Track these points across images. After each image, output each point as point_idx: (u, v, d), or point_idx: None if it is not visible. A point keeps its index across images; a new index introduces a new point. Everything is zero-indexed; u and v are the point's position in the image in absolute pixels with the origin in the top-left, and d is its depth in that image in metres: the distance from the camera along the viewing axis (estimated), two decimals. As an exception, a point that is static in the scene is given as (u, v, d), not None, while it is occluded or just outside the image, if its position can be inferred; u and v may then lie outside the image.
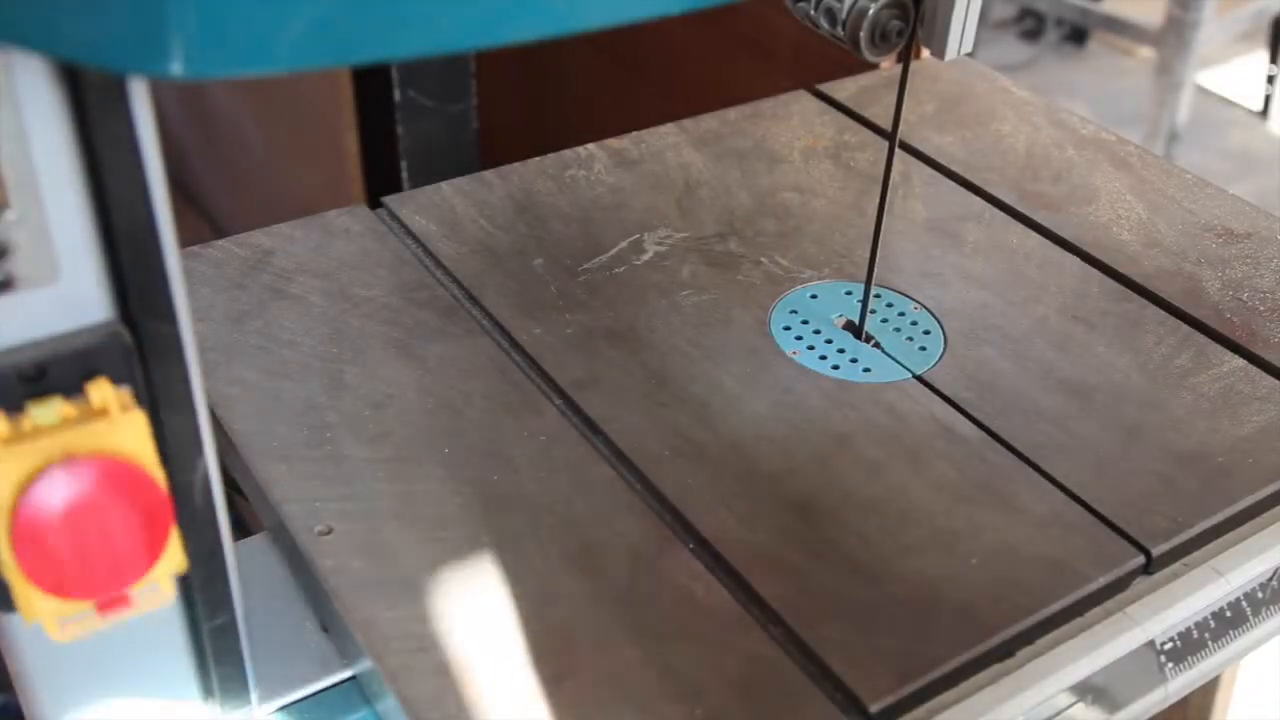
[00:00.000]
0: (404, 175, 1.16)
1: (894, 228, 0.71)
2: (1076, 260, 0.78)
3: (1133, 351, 0.71)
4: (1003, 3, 2.96)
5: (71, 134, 0.36)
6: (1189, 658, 0.60)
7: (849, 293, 0.75)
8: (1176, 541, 0.60)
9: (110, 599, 0.39)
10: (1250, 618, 0.62)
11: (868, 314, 0.71)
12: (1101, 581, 0.58)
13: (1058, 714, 0.57)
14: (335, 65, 0.32)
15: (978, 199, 0.84)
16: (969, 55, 0.64)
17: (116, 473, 0.37)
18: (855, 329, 0.72)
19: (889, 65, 0.95)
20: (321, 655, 0.56)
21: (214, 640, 0.47)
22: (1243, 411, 0.67)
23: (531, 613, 0.55)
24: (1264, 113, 2.87)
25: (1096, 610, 0.58)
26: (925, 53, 0.64)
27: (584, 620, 0.55)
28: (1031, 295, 0.75)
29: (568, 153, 0.86)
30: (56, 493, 0.37)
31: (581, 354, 0.69)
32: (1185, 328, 0.73)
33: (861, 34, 0.59)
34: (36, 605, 0.38)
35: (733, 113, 0.91)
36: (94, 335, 0.38)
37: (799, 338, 0.71)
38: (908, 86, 0.65)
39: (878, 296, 0.73)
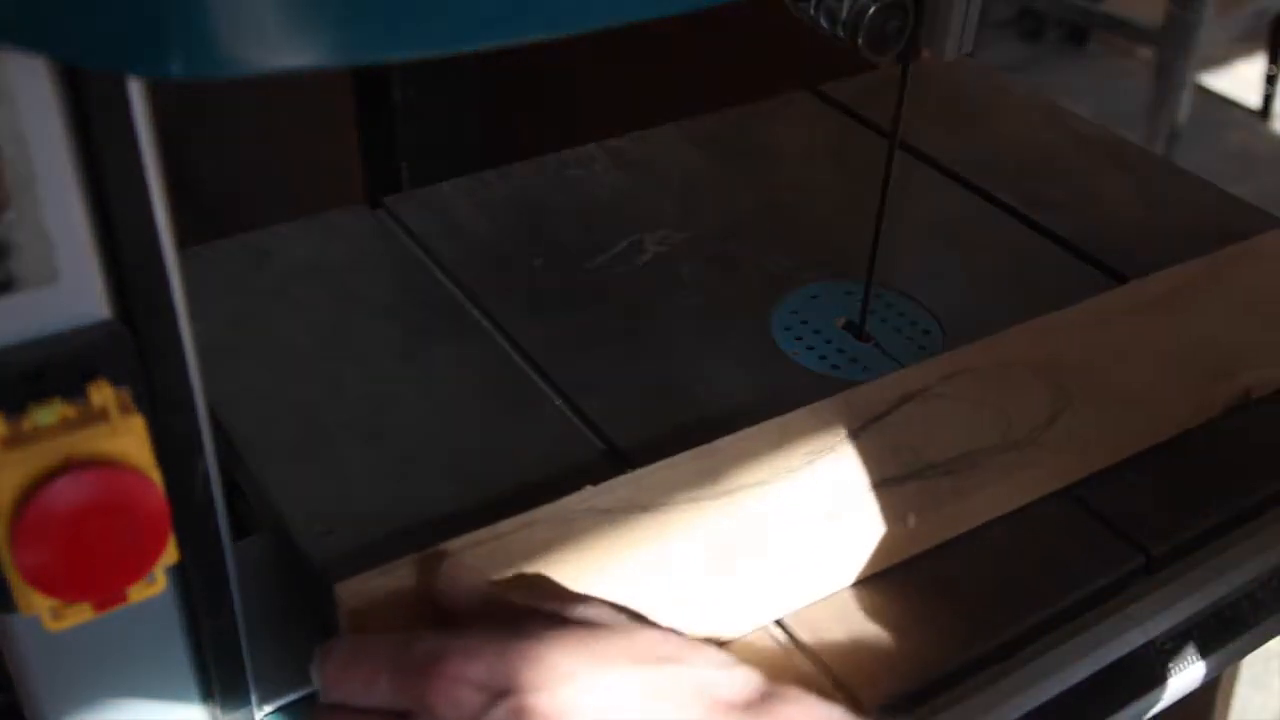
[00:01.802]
0: (404, 175, 1.16)
1: (894, 228, 0.71)
2: (1077, 260, 0.78)
3: (1133, 351, 0.71)
4: (1003, 3, 2.96)
5: (71, 134, 0.36)
6: (1189, 658, 0.60)
7: (849, 293, 0.75)
8: (1176, 541, 0.60)
9: (108, 597, 0.39)
10: (1250, 618, 0.62)
11: (868, 314, 0.71)
12: (1101, 582, 0.58)
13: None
14: (335, 66, 0.32)
15: (978, 199, 0.84)
16: (969, 55, 0.64)
17: (116, 475, 0.37)
18: (855, 329, 0.72)
19: (888, 65, 0.95)
20: (321, 655, 0.56)
21: (214, 640, 0.47)
22: (1243, 411, 0.67)
23: (531, 613, 0.55)
24: (1264, 113, 2.87)
25: (1096, 610, 0.58)
26: (925, 53, 0.64)
27: (584, 620, 0.55)
28: (1031, 295, 0.75)
29: (568, 153, 0.86)
30: (57, 495, 0.37)
31: (581, 354, 0.69)
32: (1185, 328, 0.73)
33: (861, 34, 0.59)
34: (35, 604, 0.38)
35: (733, 113, 0.91)
36: (94, 335, 0.38)
37: (799, 338, 0.71)
38: (908, 86, 0.65)
39: (878, 296, 0.73)
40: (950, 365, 0.65)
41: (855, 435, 0.61)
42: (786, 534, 0.56)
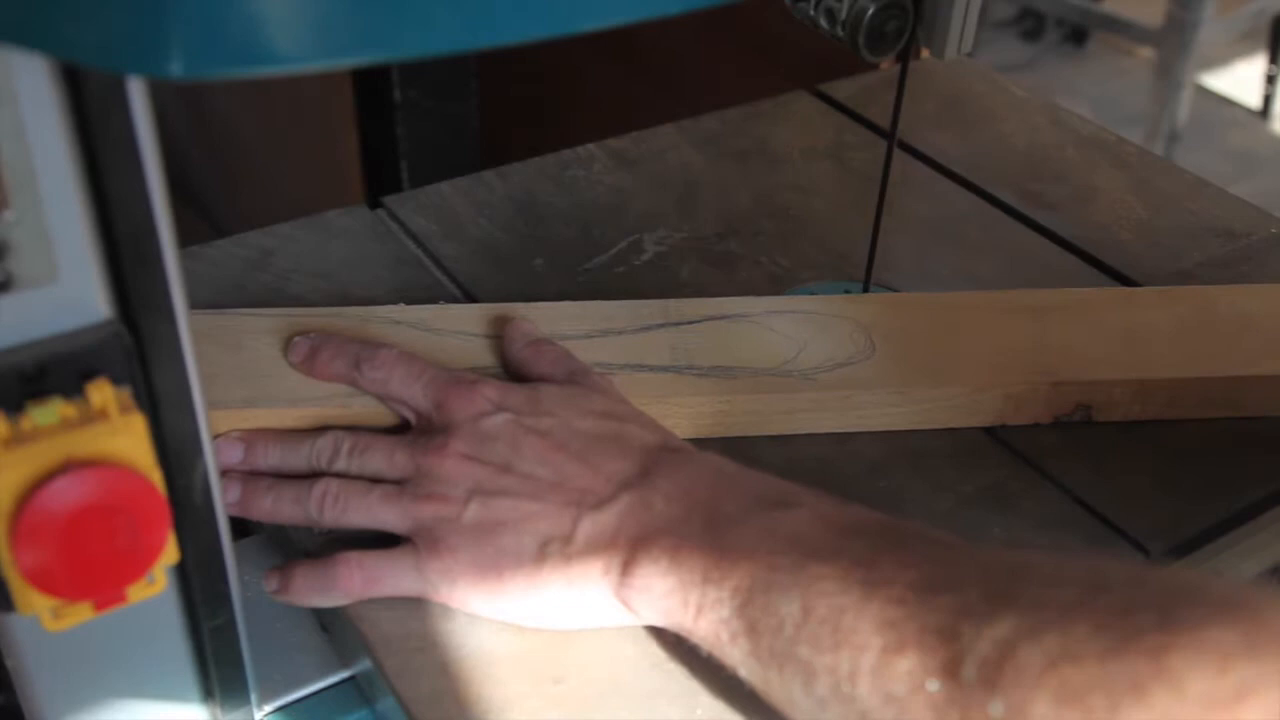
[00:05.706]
0: (404, 175, 1.16)
1: (894, 228, 0.71)
2: (1076, 260, 0.78)
3: (1133, 351, 0.71)
4: (1003, 3, 2.96)
5: (71, 134, 0.36)
6: (1189, 658, 0.60)
7: (848, 292, 0.74)
8: (1176, 541, 0.60)
9: (108, 597, 0.39)
10: (1250, 618, 0.62)
11: (868, 314, 0.71)
12: (1101, 581, 0.58)
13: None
14: (336, 66, 0.32)
15: (978, 199, 0.84)
16: (969, 55, 0.64)
17: (116, 474, 0.37)
18: (855, 329, 0.72)
19: (888, 65, 0.95)
20: (321, 655, 0.56)
21: (214, 640, 0.47)
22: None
23: (531, 613, 0.55)
24: (1264, 113, 2.87)
25: (1096, 610, 0.58)
26: (925, 53, 0.64)
27: (584, 620, 0.55)
28: (1031, 295, 0.75)
29: (567, 153, 0.86)
30: (57, 494, 0.37)
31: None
32: (1185, 328, 0.73)
33: (861, 34, 0.59)
34: (35, 604, 0.38)
35: (733, 113, 0.91)
36: (94, 335, 0.38)
37: (799, 338, 0.71)
38: (908, 86, 0.65)
39: (878, 296, 0.73)
40: (786, 305, 0.68)
41: (648, 329, 0.65)
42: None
